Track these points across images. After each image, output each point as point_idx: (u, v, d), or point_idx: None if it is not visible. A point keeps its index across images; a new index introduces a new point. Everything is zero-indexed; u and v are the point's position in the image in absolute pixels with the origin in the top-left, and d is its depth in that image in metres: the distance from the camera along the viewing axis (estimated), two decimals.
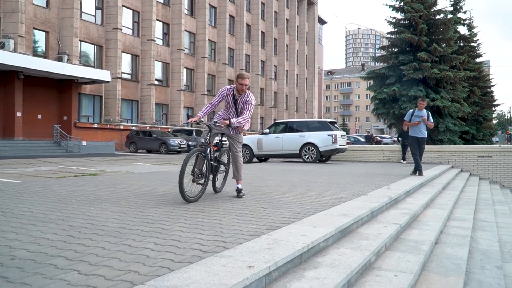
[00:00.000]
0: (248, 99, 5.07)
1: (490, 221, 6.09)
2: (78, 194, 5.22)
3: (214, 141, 5.03)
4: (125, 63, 29.62)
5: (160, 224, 3.38)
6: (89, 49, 27.36)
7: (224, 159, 5.49)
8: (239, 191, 5.10)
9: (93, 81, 25.16)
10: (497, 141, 39.10)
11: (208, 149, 4.79)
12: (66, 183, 6.66)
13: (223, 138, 5.40)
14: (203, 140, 4.85)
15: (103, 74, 24.95)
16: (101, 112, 27.67)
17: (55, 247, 2.64)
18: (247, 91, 5.10)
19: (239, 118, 5.02)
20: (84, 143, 23.23)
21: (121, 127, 28.00)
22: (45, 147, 21.86)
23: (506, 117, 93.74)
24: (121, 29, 28.11)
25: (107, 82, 25.58)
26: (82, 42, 26.17)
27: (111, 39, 27.63)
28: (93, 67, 26.57)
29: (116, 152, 24.84)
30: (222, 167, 5.39)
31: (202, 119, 4.94)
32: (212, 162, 4.92)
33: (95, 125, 26.45)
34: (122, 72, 28.76)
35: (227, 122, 4.92)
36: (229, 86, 5.20)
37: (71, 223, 3.40)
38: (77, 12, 24.91)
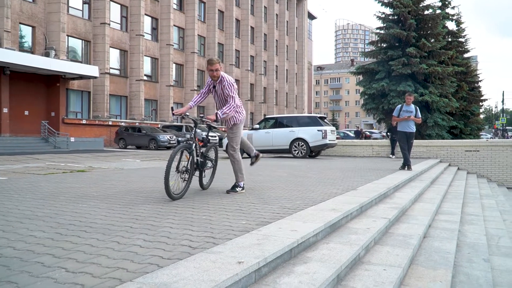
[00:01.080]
0: (224, 83, 4.88)
1: (478, 214, 6.16)
2: (66, 191, 5.16)
3: (201, 136, 4.91)
4: (114, 58, 29.32)
5: (149, 221, 3.36)
6: (77, 44, 27.01)
7: (211, 154, 5.39)
8: (236, 185, 5.06)
9: (81, 77, 24.87)
10: (486, 136, 39.61)
11: (194, 144, 4.69)
12: (54, 179, 6.59)
13: (210, 133, 5.28)
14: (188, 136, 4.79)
15: (91, 70, 24.66)
16: (90, 108, 27.39)
17: (42, 245, 2.61)
18: (222, 74, 4.90)
19: (223, 108, 4.83)
20: (72, 139, 22.99)
21: (110, 123, 27.75)
22: (33, 144, 21.58)
23: (493, 112, 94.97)
24: (109, 24, 27.79)
25: (95, 77, 25.30)
26: (69, 37, 25.83)
27: (99, 34, 27.31)
28: (81, 62, 26.28)
29: (105, 148, 24.64)
30: (209, 163, 5.28)
31: (188, 113, 4.83)
32: (198, 158, 4.82)
33: (84, 121, 26.18)
34: (111, 68, 28.48)
35: (214, 117, 4.73)
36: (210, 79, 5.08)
37: (59, 220, 3.37)
38: (64, 6, 24.55)
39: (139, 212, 3.76)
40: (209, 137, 5.16)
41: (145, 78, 31.13)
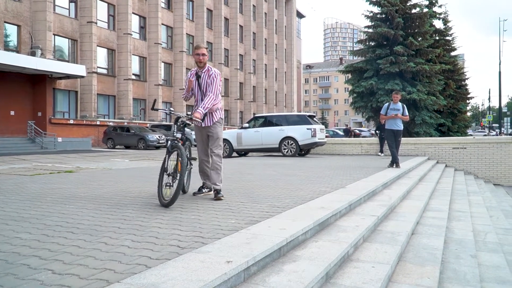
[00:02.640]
0: (211, 73, 4.53)
1: (465, 211, 6.24)
2: (53, 192, 5.10)
3: (179, 135, 4.39)
4: (101, 57, 29.03)
5: (138, 221, 3.33)
6: (63, 43, 26.69)
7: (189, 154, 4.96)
8: (217, 191, 4.54)
9: (68, 76, 24.58)
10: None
11: (183, 144, 4.35)
12: (40, 180, 6.50)
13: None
14: (178, 136, 4.33)
15: (78, 69, 24.39)
16: (77, 107, 27.09)
17: (28, 247, 2.57)
18: (207, 65, 4.58)
19: (204, 102, 4.41)
20: (59, 139, 22.73)
21: (98, 122, 27.49)
22: (19, 144, 21.27)
23: (479, 110, 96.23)
24: (96, 23, 27.51)
25: (83, 77, 25.02)
26: (56, 36, 25.50)
27: (86, 33, 27.01)
28: (68, 61, 25.96)
29: (93, 148, 24.41)
30: (190, 165, 4.94)
31: (172, 109, 4.55)
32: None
33: (71, 121, 25.89)
34: (98, 67, 28.19)
35: (200, 115, 4.32)
36: (193, 69, 4.70)
37: (45, 222, 3.32)
38: (50, 5, 24.23)
39: (127, 212, 3.73)
40: (186, 136, 4.63)
41: (133, 77, 30.90)
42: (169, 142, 4.28)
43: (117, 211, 3.80)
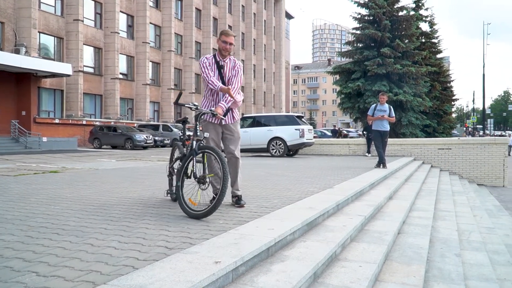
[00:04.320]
0: (235, 64, 4.09)
1: (450, 210, 6.32)
2: (38, 193, 5.02)
3: (206, 134, 3.81)
4: (88, 56, 28.69)
5: (125, 222, 3.30)
6: (49, 41, 26.31)
7: None
8: (239, 198, 4.10)
9: (53, 75, 24.23)
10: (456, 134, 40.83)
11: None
12: (24, 181, 6.40)
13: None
14: (206, 135, 3.77)
15: (64, 68, 24.06)
16: (63, 107, 26.73)
17: (11, 249, 2.53)
18: (232, 57, 4.15)
19: (225, 96, 3.95)
20: (44, 139, 22.39)
21: (84, 122, 27.17)
22: (2, 144, 20.88)
23: (464, 111, 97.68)
24: (83, 21, 27.18)
25: (69, 75, 24.70)
26: (41, 34, 25.13)
27: (72, 31, 26.68)
28: (53, 60, 25.58)
29: (79, 148, 24.11)
30: None
31: (196, 103, 3.89)
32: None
33: (56, 121, 25.54)
34: (84, 66, 27.86)
35: (221, 110, 3.85)
36: (207, 55, 4.15)
37: (30, 223, 3.27)
38: (35, 2, 23.85)
39: (114, 213, 3.69)
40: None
41: (120, 76, 30.62)
42: (195, 142, 3.64)
43: (103, 211, 3.76)
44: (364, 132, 17.14)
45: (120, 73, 30.73)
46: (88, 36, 28.25)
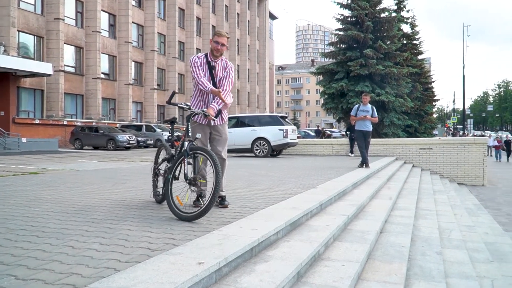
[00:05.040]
0: (227, 65, 4.06)
1: (431, 209, 6.43)
2: (17, 194, 4.92)
3: (199, 135, 3.76)
4: (69, 55, 28.21)
5: (106, 224, 3.26)
6: (29, 40, 25.78)
7: None
8: (223, 198, 4.08)
9: (33, 74, 23.76)
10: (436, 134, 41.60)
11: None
12: (3, 182, 6.26)
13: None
14: (198, 136, 3.73)
15: (44, 67, 23.61)
16: (43, 107, 26.22)
17: None
18: (224, 58, 4.11)
19: (214, 100, 3.93)
20: (24, 140, 21.91)
21: (65, 122, 26.71)
22: None
23: (445, 112, 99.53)
24: (64, 20, 26.72)
25: (49, 75, 24.25)
26: (20, 33, 24.59)
27: (52, 30, 26.20)
28: (33, 59, 25.09)
29: (60, 149, 23.68)
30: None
31: (189, 103, 3.90)
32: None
33: (36, 121, 25.05)
34: (65, 65, 27.39)
35: (212, 111, 3.81)
36: (199, 54, 4.07)
37: (8, 225, 3.20)
38: (14, 0, 23.36)
39: (95, 215, 3.64)
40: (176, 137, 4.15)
41: (102, 76, 30.20)
42: (186, 144, 3.58)
43: (85, 213, 3.70)
44: (347, 132, 17.30)
45: (102, 73, 30.32)
46: (69, 35, 27.80)
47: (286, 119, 15.57)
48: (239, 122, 15.12)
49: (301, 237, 3.27)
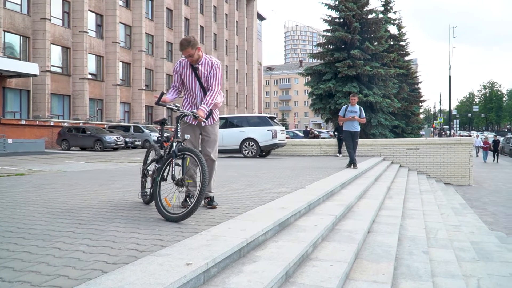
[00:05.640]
0: (213, 63, 3.94)
1: (418, 209, 6.50)
2: (2, 196, 4.85)
3: (188, 136, 3.73)
4: (55, 55, 27.88)
5: (94, 225, 3.23)
6: (15, 40, 25.42)
7: None
8: (212, 199, 4.07)
9: (19, 75, 23.43)
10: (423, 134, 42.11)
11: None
12: None
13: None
14: (187, 137, 3.70)
15: (31, 67, 23.29)
16: (29, 107, 25.87)
17: None
18: (204, 56, 3.99)
19: (207, 98, 3.84)
20: (10, 141, 21.57)
21: (52, 123, 26.38)
22: None
23: (431, 112, 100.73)
24: (50, 20, 26.41)
25: (35, 75, 23.94)
26: (6, 33, 24.24)
27: (39, 30, 25.87)
28: (19, 59, 24.74)
29: (47, 150, 23.38)
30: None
31: (178, 104, 3.87)
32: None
33: (23, 122, 24.69)
34: (52, 65, 27.07)
35: (202, 112, 3.75)
36: (182, 59, 4.03)
37: None
38: (0, 0, 23.05)
39: (83, 216, 3.61)
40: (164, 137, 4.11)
41: (89, 76, 29.91)
42: (174, 144, 3.59)
43: (71, 215, 3.67)
44: (335, 133, 17.39)
45: (89, 73, 30.03)
46: (56, 35, 27.48)
47: (275, 120, 15.59)
48: (227, 123, 15.11)
49: (290, 237, 3.29)
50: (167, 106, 3.79)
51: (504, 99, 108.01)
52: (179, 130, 3.74)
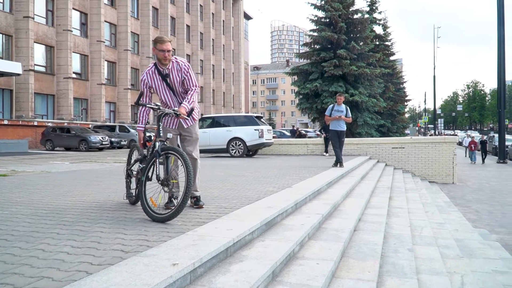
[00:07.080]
0: (181, 66, 3.88)
1: (403, 207, 6.57)
2: None
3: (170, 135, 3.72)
4: (39, 54, 27.44)
5: (78, 226, 3.19)
6: None
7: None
8: (198, 198, 4.05)
9: (1, 74, 22.94)
10: (408, 134, 42.60)
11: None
12: None
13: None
14: (169, 136, 3.69)
15: (13, 66, 22.84)
16: (12, 107, 25.43)
17: None
18: (173, 58, 3.89)
19: (188, 97, 3.85)
20: None
21: (35, 123, 25.96)
22: None
23: (416, 111, 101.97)
24: (33, 18, 25.99)
25: (18, 74, 23.48)
26: None
27: (21, 28, 25.44)
28: (2, 58, 24.29)
29: (30, 150, 23.00)
30: None
31: (159, 103, 3.85)
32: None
33: (5, 122, 24.24)
34: (35, 64, 26.64)
35: (184, 110, 3.72)
36: (147, 69, 3.94)
37: None
38: None
39: (67, 217, 3.56)
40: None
41: (74, 75, 29.52)
42: (157, 144, 3.57)
43: (56, 216, 3.62)
44: (322, 132, 17.48)
45: (74, 72, 29.64)
46: (39, 34, 27.05)
47: (262, 119, 15.60)
48: (214, 122, 15.07)
49: (276, 236, 3.29)
50: (148, 105, 3.76)
51: (487, 98, 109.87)
52: (161, 129, 3.72)
